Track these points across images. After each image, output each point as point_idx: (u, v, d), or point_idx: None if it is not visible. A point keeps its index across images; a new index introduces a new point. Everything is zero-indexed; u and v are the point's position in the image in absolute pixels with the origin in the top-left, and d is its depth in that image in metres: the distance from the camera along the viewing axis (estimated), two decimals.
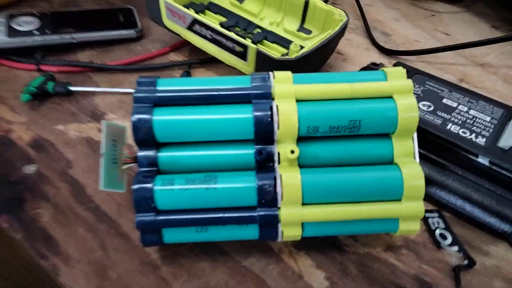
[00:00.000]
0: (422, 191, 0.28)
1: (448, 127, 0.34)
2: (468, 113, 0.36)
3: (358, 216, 0.28)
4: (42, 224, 0.32)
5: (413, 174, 0.27)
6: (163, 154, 0.29)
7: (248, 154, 0.29)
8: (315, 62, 0.43)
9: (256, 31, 0.47)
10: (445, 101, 0.37)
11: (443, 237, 0.32)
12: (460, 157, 0.33)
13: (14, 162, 0.36)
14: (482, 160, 0.32)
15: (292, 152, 0.27)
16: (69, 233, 0.32)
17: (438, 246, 0.32)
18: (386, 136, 0.29)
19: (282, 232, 0.28)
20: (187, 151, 0.29)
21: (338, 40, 0.43)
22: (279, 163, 0.28)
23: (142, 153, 0.28)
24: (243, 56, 0.39)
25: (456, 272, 0.30)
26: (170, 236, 0.29)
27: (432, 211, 0.34)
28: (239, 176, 0.28)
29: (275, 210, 0.27)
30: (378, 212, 0.28)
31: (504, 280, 0.31)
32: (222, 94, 0.29)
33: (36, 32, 0.45)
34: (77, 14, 0.49)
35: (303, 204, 0.28)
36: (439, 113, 0.35)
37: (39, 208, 0.33)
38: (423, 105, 0.36)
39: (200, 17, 0.40)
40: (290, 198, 0.27)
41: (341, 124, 0.28)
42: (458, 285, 0.30)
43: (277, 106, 0.28)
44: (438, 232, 0.33)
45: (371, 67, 0.41)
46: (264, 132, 0.28)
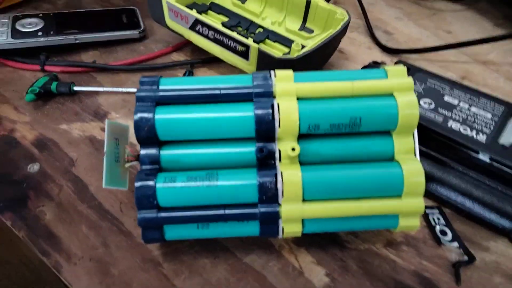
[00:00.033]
0: (422, 188, 0.28)
1: (449, 124, 0.34)
2: (469, 110, 0.36)
3: (359, 212, 0.28)
4: (45, 222, 0.33)
5: (413, 171, 0.28)
6: (165, 152, 0.29)
7: (249, 151, 0.29)
8: (317, 61, 0.43)
9: (258, 31, 0.47)
10: (446, 98, 0.37)
11: (443, 233, 0.33)
12: (460, 154, 0.33)
13: (18, 161, 0.37)
14: (483, 156, 0.32)
15: (293, 149, 0.28)
16: (71, 230, 0.32)
17: (438, 242, 0.32)
18: (387, 133, 0.29)
19: (282, 228, 0.28)
20: (189, 149, 0.29)
21: (340, 39, 0.43)
22: (280, 161, 0.28)
23: (144, 151, 0.29)
24: (245, 55, 0.39)
25: (456, 268, 0.30)
26: (171, 233, 0.29)
27: (432, 208, 0.34)
28: (240, 173, 0.28)
29: (276, 206, 0.28)
30: (378, 208, 0.28)
31: (504, 275, 0.31)
32: (223, 92, 0.29)
33: (40, 33, 0.45)
34: (80, 15, 0.50)
35: (304, 200, 0.28)
36: (440, 110, 0.35)
37: (43, 206, 0.34)
38: (424, 102, 0.36)
39: (202, 17, 0.40)
40: (291, 195, 0.27)
41: (341, 121, 0.28)
42: (458, 280, 0.30)
43: (278, 104, 0.28)
44: (438, 228, 0.33)
45: (373, 66, 0.41)
46: (265, 130, 0.28)
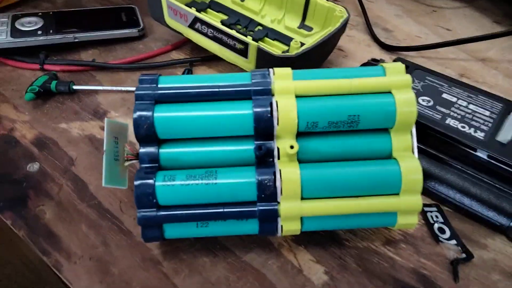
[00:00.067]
0: (420, 185, 0.28)
1: (447, 122, 0.34)
2: (467, 107, 0.36)
3: (357, 210, 0.28)
4: (45, 221, 0.33)
5: (411, 168, 0.28)
6: (164, 151, 0.29)
7: (248, 149, 0.29)
8: (316, 58, 0.43)
9: (257, 29, 0.47)
10: (444, 96, 0.37)
11: (442, 231, 0.33)
12: (459, 151, 0.33)
13: (18, 160, 0.37)
14: (481, 154, 0.32)
15: (291, 147, 0.28)
16: (71, 229, 0.32)
17: (436, 240, 0.32)
18: (385, 130, 0.29)
19: (281, 226, 0.28)
20: (188, 147, 0.29)
21: (339, 36, 0.43)
22: (279, 159, 0.28)
23: (143, 149, 0.29)
24: (244, 53, 0.39)
25: (454, 265, 0.30)
26: (171, 231, 0.29)
27: (430, 205, 0.34)
28: (239, 171, 0.28)
29: (275, 204, 0.28)
30: (376, 206, 0.28)
31: (501, 273, 0.31)
32: (222, 90, 0.29)
33: (39, 32, 0.45)
34: (79, 14, 0.50)
35: (302, 198, 0.28)
36: (439, 108, 0.36)
37: (42, 205, 0.34)
38: (423, 100, 0.36)
39: (201, 15, 0.40)
40: (290, 193, 0.27)
41: (340, 119, 0.28)
42: (456, 278, 0.30)
43: (276, 102, 0.28)
44: (436, 226, 0.33)
45: (372, 63, 0.41)
46: (263, 127, 0.28)
